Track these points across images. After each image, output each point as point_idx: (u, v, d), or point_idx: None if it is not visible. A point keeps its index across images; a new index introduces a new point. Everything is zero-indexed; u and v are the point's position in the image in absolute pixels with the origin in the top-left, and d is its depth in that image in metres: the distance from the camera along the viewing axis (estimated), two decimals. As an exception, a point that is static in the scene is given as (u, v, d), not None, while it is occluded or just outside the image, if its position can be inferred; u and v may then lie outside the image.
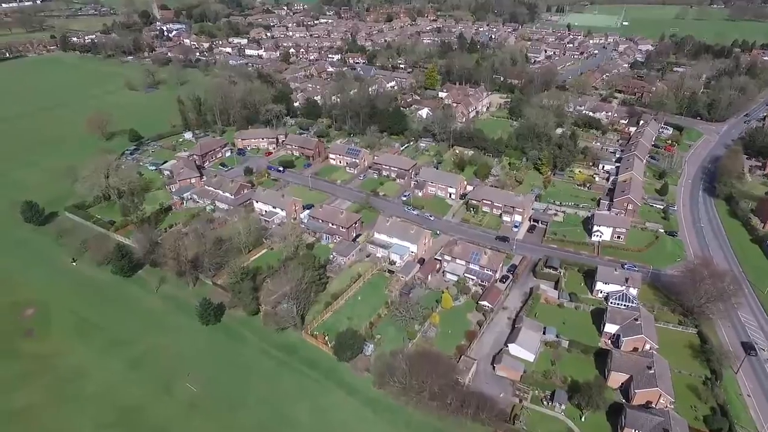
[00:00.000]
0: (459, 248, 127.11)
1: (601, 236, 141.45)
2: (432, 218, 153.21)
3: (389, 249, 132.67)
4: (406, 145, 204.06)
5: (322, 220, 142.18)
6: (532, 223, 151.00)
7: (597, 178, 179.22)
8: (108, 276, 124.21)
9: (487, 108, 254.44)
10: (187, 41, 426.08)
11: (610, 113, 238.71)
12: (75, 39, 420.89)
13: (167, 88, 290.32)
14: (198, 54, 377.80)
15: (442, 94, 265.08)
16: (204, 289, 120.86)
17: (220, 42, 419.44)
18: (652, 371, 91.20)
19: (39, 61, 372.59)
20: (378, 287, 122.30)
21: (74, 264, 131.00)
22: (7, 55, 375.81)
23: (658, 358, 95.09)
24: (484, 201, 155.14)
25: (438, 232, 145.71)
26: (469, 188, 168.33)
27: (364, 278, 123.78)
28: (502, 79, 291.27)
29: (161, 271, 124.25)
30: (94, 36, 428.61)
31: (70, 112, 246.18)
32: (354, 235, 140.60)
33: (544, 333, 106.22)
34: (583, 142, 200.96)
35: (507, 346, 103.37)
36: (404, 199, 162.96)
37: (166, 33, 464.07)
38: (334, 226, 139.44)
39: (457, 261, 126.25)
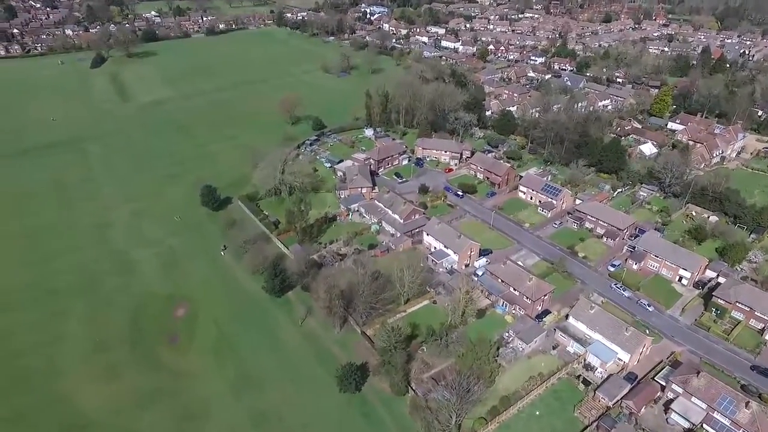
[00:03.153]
0: (702, 383, 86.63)
1: None
2: (650, 308, 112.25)
3: (587, 347, 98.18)
4: (619, 190, 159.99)
5: (502, 281, 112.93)
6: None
7: None
8: (257, 289, 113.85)
9: (738, 153, 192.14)
10: (386, 26, 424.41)
11: None
12: (289, 15, 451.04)
13: (358, 74, 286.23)
14: (394, 40, 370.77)
15: (673, 126, 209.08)
16: (350, 337, 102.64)
17: (418, 30, 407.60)
18: None
19: (255, 34, 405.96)
20: (565, 402, 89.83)
21: (222, 254, 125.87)
22: (233, 26, 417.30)
23: None
24: (739, 305, 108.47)
25: (656, 332, 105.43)
26: (710, 274, 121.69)
27: (547, 383, 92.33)
28: (761, 115, 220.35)
29: (310, 299, 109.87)
30: (305, 13, 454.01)
31: (268, 88, 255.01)
32: (540, 310, 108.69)
33: None
34: None
35: None
36: (612, 269, 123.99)
37: (368, 15, 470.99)
38: (517, 293, 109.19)
39: (694, 400, 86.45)
